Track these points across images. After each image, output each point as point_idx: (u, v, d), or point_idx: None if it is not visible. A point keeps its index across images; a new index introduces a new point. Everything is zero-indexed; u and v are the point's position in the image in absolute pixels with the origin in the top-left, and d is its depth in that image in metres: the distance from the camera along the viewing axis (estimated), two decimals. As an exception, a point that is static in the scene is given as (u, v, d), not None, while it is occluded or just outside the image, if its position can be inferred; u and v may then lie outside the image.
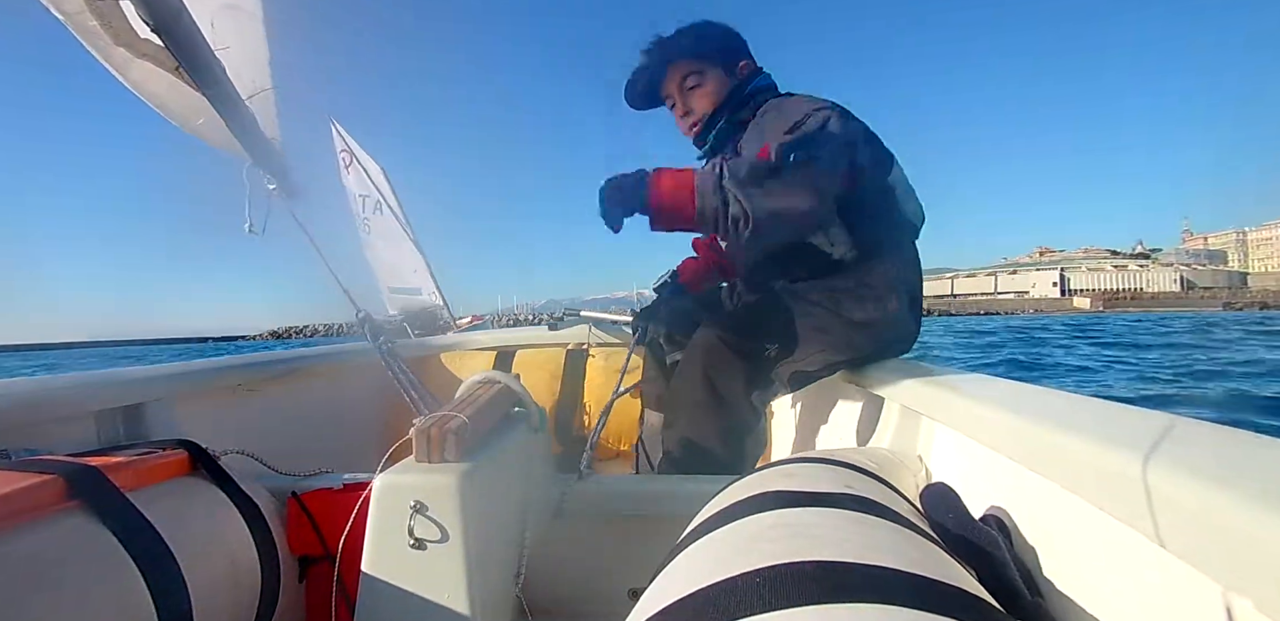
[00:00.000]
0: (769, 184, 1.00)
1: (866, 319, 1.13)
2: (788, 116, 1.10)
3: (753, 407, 1.15)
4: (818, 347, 1.13)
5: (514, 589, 0.82)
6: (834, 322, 1.14)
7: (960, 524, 0.50)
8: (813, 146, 1.02)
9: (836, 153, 1.04)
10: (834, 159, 1.04)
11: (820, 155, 1.02)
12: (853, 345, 1.13)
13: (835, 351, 1.13)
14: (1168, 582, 0.39)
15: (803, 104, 1.13)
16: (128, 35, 0.97)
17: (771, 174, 1.00)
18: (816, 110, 1.08)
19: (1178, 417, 0.49)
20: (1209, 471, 0.36)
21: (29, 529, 0.56)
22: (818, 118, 1.06)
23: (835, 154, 1.04)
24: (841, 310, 1.14)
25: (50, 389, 0.93)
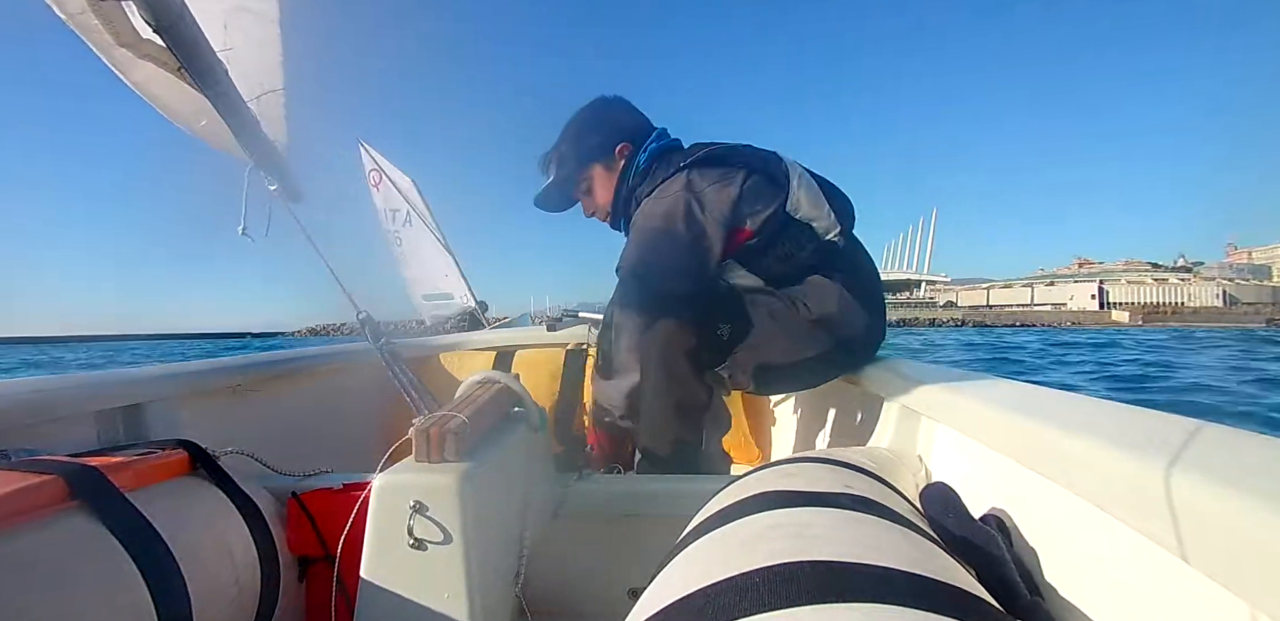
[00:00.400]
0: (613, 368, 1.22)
1: (821, 314, 1.17)
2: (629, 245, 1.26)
3: (704, 384, 1.17)
4: (773, 334, 1.16)
5: (514, 589, 0.82)
6: (784, 312, 1.18)
7: (960, 524, 0.50)
8: (621, 302, 1.23)
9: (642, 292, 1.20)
10: (641, 298, 1.20)
11: (636, 302, 1.19)
12: (807, 336, 1.16)
13: (792, 343, 1.16)
14: (1167, 582, 0.39)
15: (635, 224, 1.25)
16: (130, 36, 0.97)
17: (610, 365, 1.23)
18: (632, 244, 1.23)
19: (1178, 418, 0.49)
20: (1208, 471, 0.36)
21: (29, 529, 0.56)
22: (628, 254, 1.22)
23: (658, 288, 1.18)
24: (796, 306, 1.19)
25: (50, 389, 0.93)
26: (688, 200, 1.19)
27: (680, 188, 1.20)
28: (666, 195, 1.21)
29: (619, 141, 1.36)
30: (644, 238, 1.22)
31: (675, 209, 1.18)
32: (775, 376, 1.19)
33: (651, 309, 1.17)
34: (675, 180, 1.23)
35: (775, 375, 1.19)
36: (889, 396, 0.97)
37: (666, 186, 1.23)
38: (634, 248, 1.23)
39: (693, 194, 1.19)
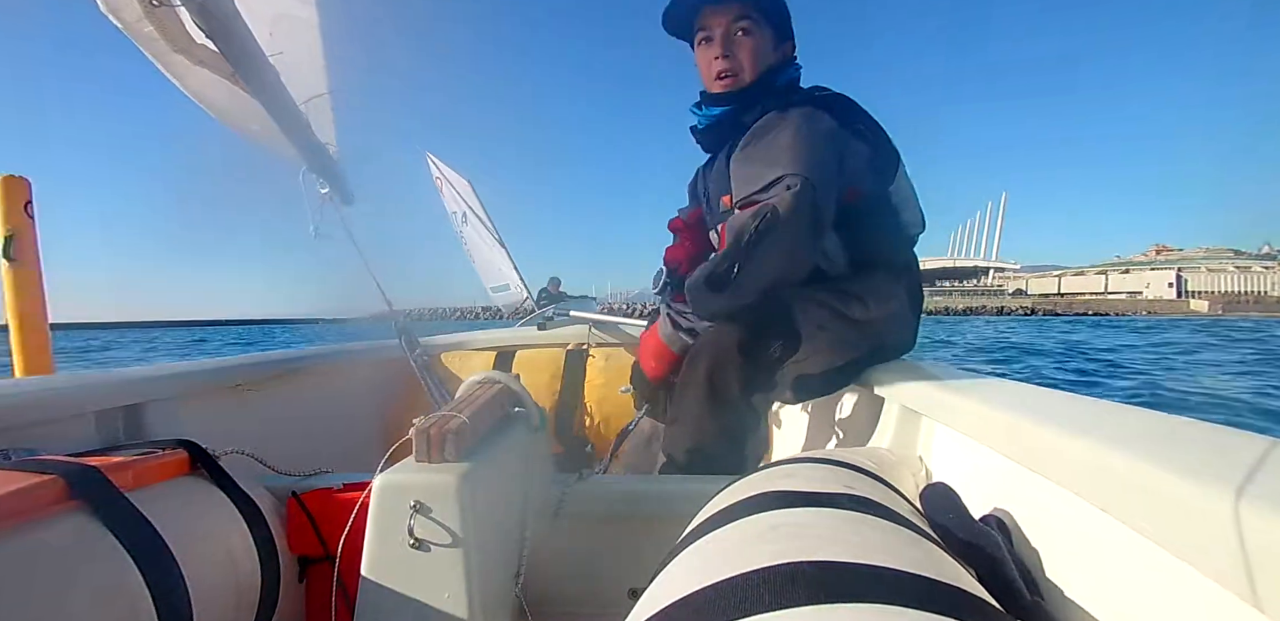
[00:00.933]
0: (720, 294, 1.06)
1: (866, 318, 1.14)
2: (757, 173, 1.07)
3: (752, 409, 1.14)
4: (819, 346, 1.13)
5: (514, 589, 0.82)
6: (834, 321, 1.14)
7: (960, 524, 0.50)
8: (765, 232, 1.01)
9: (791, 235, 1.02)
10: (790, 241, 1.03)
11: (771, 241, 1.01)
12: (850, 343, 1.13)
13: (834, 351, 1.13)
14: (1167, 582, 0.39)
15: (778, 153, 1.08)
16: (184, 41, 0.98)
17: (724, 279, 1.03)
18: (780, 179, 1.03)
19: (1177, 418, 0.49)
20: (1208, 471, 0.36)
21: (29, 529, 0.56)
22: (779, 190, 1.03)
23: (789, 237, 1.02)
24: (841, 310, 1.15)
25: (50, 389, 0.93)
26: (838, 134, 1.11)
27: (831, 118, 1.12)
28: (819, 121, 1.12)
29: (791, 39, 1.25)
30: (812, 141, 1.07)
31: (832, 133, 1.10)
32: (810, 384, 1.16)
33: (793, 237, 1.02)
34: (822, 111, 1.13)
35: (811, 383, 1.16)
36: (889, 396, 0.97)
37: (814, 112, 1.13)
38: (802, 148, 1.06)
39: (850, 126, 1.12)
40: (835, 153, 1.10)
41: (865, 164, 1.14)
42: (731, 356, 1.11)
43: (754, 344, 1.12)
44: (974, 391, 0.72)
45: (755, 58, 1.20)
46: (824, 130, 1.10)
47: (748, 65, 1.20)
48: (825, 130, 1.10)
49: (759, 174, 1.07)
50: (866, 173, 1.14)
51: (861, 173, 1.14)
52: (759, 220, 1.00)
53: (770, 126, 1.13)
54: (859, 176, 1.13)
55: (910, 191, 1.22)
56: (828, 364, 1.13)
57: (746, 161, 1.13)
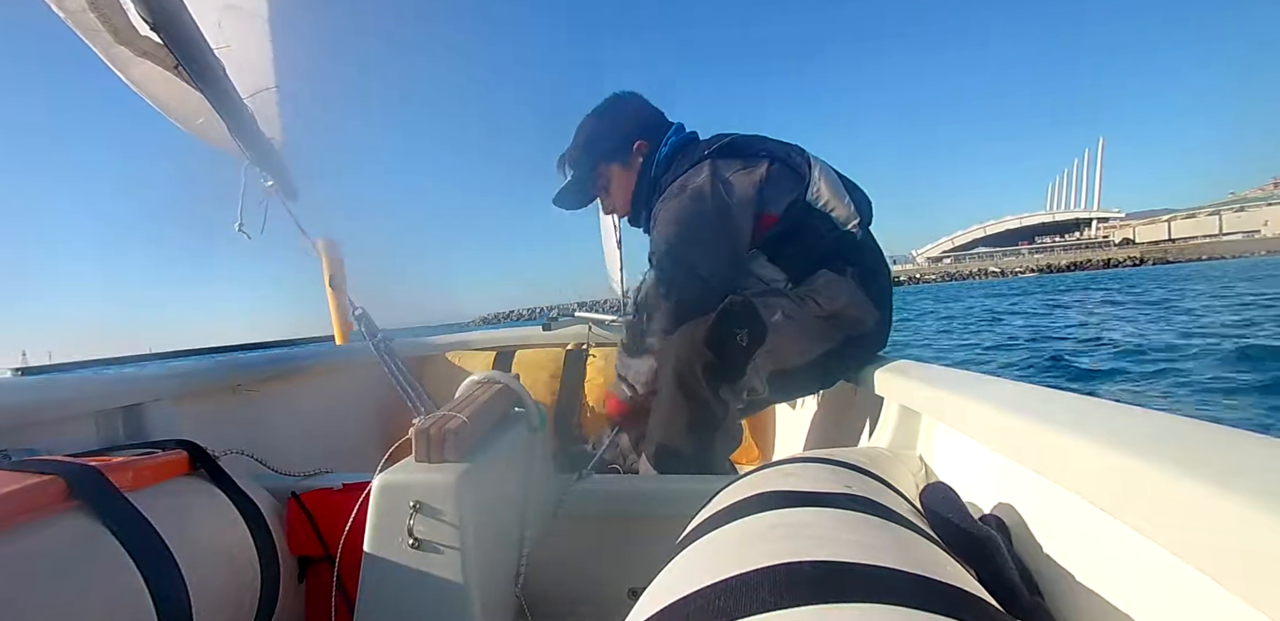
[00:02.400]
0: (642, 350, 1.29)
1: (832, 310, 1.18)
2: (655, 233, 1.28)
3: (720, 401, 1.15)
4: (788, 335, 1.15)
5: (514, 589, 0.82)
6: (801, 312, 1.18)
7: (960, 523, 0.50)
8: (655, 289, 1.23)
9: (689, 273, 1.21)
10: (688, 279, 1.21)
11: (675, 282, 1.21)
12: (820, 332, 1.16)
13: (805, 340, 1.16)
14: (1167, 582, 0.39)
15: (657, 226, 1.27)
16: (128, 33, 0.97)
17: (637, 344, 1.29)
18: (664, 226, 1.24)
19: (1178, 418, 0.49)
20: (1208, 471, 0.36)
21: (29, 529, 0.56)
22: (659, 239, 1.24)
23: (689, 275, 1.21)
24: (807, 302, 1.19)
25: (50, 389, 0.93)
26: (715, 185, 1.20)
27: (707, 174, 1.22)
28: (691, 183, 1.23)
29: (635, 139, 1.37)
30: (672, 221, 1.23)
31: (703, 192, 1.20)
32: (789, 380, 1.18)
33: (685, 291, 1.19)
34: (700, 168, 1.24)
35: (789, 379, 1.18)
36: (889, 396, 0.97)
37: (691, 175, 1.25)
38: (663, 231, 1.24)
39: (719, 180, 1.21)
40: (709, 208, 1.21)
41: (768, 188, 1.22)
42: (697, 349, 1.14)
43: (719, 334, 1.14)
44: (974, 391, 0.71)
45: (622, 194, 1.41)
46: (691, 193, 1.22)
47: (621, 203, 1.42)
48: (690, 196, 1.22)
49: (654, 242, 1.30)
50: (773, 195, 1.22)
51: (768, 197, 1.22)
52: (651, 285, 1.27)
53: (655, 211, 1.31)
54: (766, 201, 1.22)
55: (836, 188, 1.25)
56: (803, 357, 1.16)
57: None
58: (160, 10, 0.87)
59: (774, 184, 1.22)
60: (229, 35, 1.12)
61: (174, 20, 0.89)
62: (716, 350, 1.13)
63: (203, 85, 0.99)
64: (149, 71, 1.05)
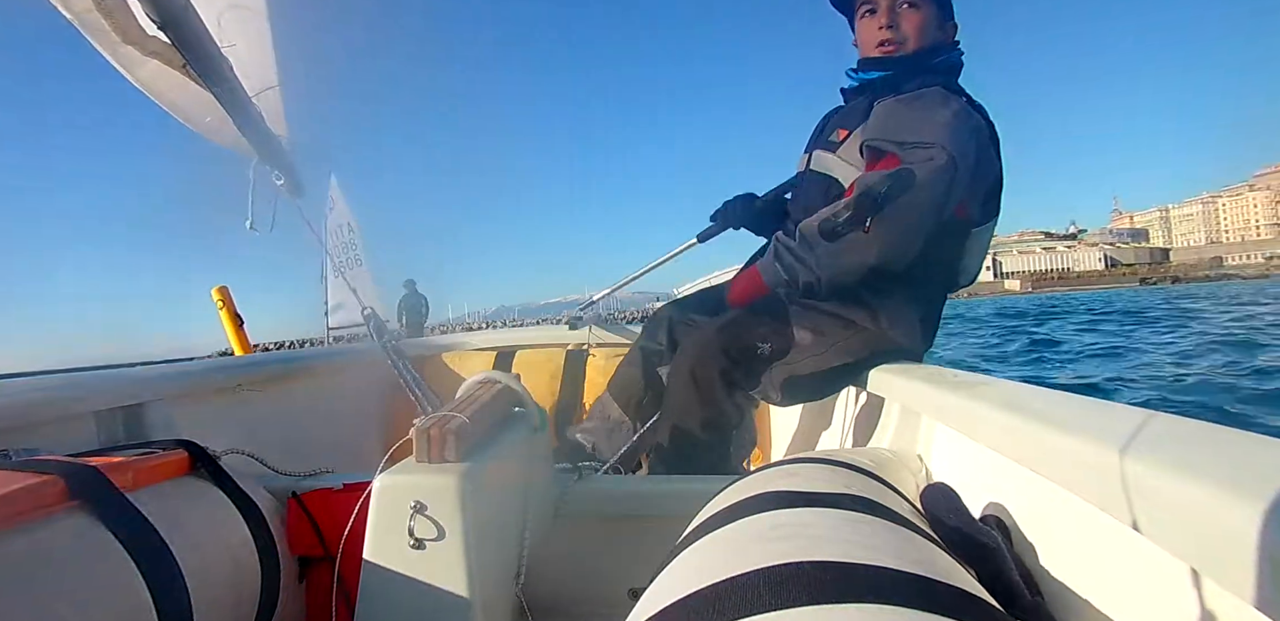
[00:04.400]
0: (836, 244, 1.03)
1: (872, 328, 1.10)
2: (906, 127, 1.07)
3: (736, 406, 1.14)
4: (812, 350, 1.12)
5: (514, 589, 0.82)
6: (834, 327, 1.12)
7: (960, 524, 0.50)
8: (897, 194, 0.98)
9: (921, 207, 1.01)
10: (918, 212, 1.01)
11: (902, 205, 0.99)
12: (847, 350, 1.11)
13: (828, 356, 1.11)
14: (1167, 582, 0.39)
15: (933, 120, 1.06)
16: (135, 33, 0.97)
17: (839, 230, 1.02)
18: (928, 145, 1.02)
19: (1178, 418, 0.49)
20: (1208, 471, 0.36)
21: (29, 529, 0.56)
22: (923, 156, 1.01)
23: (919, 208, 1.01)
24: (847, 316, 1.12)
25: (50, 389, 0.93)
26: (986, 142, 1.08)
27: (985, 125, 1.10)
28: (977, 120, 1.09)
29: (953, 20, 1.23)
30: (967, 131, 1.06)
31: (982, 132, 1.08)
32: (799, 387, 1.14)
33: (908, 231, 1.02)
34: (970, 124, 1.09)
35: (800, 385, 1.14)
36: (889, 396, 0.97)
37: (975, 111, 1.11)
38: (958, 130, 1.04)
39: (995, 136, 1.10)
40: (977, 157, 1.07)
41: (986, 188, 1.12)
42: (714, 353, 1.12)
43: (740, 342, 1.12)
44: (974, 391, 0.71)
45: (919, 30, 1.18)
46: (978, 129, 1.09)
47: (912, 36, 1.18)
48: (979, 130, 1.09)
49: (906, 127, 1.06)
50: (980, 197, 1.12)
51: (977, 195, 1.11)
52: (892, 180, 0.98)
53: (932, 97, 1.11)
54: (973, 197, 1.10)
55: (985, 244, 1.18)
56: (817, 367, 1.12)
57: (897, 112, 1.11)
58: (167, 9, 0.87)
59: (994, 190, 1.11)
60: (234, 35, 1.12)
61: (181, 19, 0.89)
62: (734, 359, 1.11)
63: (211, 84, 0.99)
64: (156, 71, 1.05)
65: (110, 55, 1.03)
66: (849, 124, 1.20)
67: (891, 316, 1.10)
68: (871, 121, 1.13)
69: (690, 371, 1.13)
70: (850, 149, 1.18)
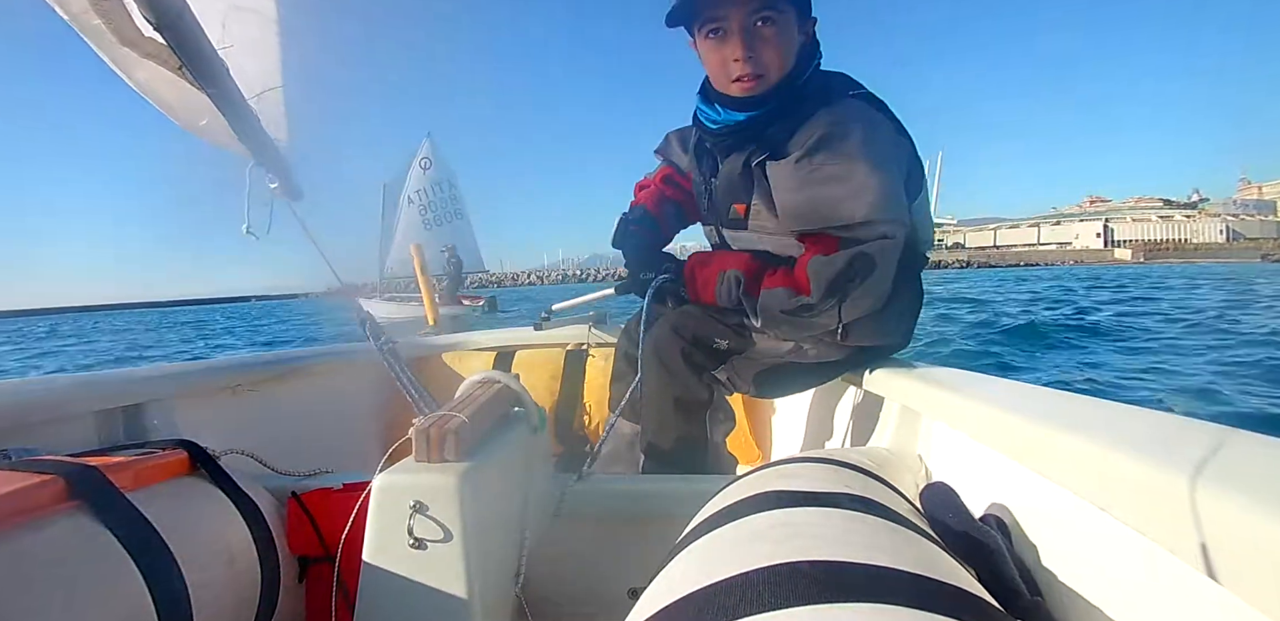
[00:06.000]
0: (804, 319, 1.00)
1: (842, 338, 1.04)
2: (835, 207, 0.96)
3: (704, 384, 1.14)
4: (774, 352, 1.13)
5: (514, 589, 0.82)
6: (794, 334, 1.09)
7: (960, 523, 0.50)
8: (864, 277, 0.94)
9: (886, 275, 0.95)
10: (883, 280, 0.96)
11: (870, 284, 0.94)
12: (820, 353, 1.11)
13: (794, 355, 1.12)
14: (1167, 581, 0.39)
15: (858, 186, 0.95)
16: (131, 34, 0.97)
17: (805, 317, 0.99)
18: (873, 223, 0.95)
19: (1178, 417, 0.49)
20: (1208, 471, 0.36)
21: (29, 529, 0.56)
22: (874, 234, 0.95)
23: (885, 277, 0.95)
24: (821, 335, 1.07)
25: (50, 389, 0.93)
26: (901, 146, 1.01)
27: (889, 122, 1.02)
28: (885, 132, 1.01)
29: (811, 15, 1.05)
30: (893, 169, 0.98)
31: (902, 143, 1.00)
32: (778, 381, 1.15)
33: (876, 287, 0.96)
34: (877, 111, 1.02)
35: (778, 380, 1.15)
36: (889, 396, 0.97)
37: (875, 119, 1.01)
38: (888, 180, 0.96)
39: (904, 133, 1.02)
40: (902, 172, 1.01)
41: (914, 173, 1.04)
42: (672, 337, 1.13)
43: (696, 332, 1.13)
44: (974, 391, 0.71)
45: (780, 54, 1.01)
46: (893, 145, 1.01)
47: (772, 64, 1.01)
48: (893, 145, 1.01)
49: (839, 207, 0.96)
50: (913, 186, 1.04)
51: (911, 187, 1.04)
52: (854, 268, 0.94)
53: (835, 144, 0.97)
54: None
55: (927, 204, 1.09)
56: (782, 363, 1.12)
57: (813, 183, 0.98)
58: (163, 11, 0.87)
59: (913, 174, 1.02)
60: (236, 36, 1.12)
61: (177, 21, 0.89)
62: (692, 342, 1.13)
63: (206, 86, 0.99)
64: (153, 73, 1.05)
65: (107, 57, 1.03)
66: (738, 196, 1.10)
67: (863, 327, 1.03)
68: (784, 199, 1.01)
69: (655, 353, 1.14)
70: (760, 219, 1.09)
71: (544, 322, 1.92)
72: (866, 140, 0.97)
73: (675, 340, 1.13)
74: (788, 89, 1.03)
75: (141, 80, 1.08)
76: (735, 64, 1.01)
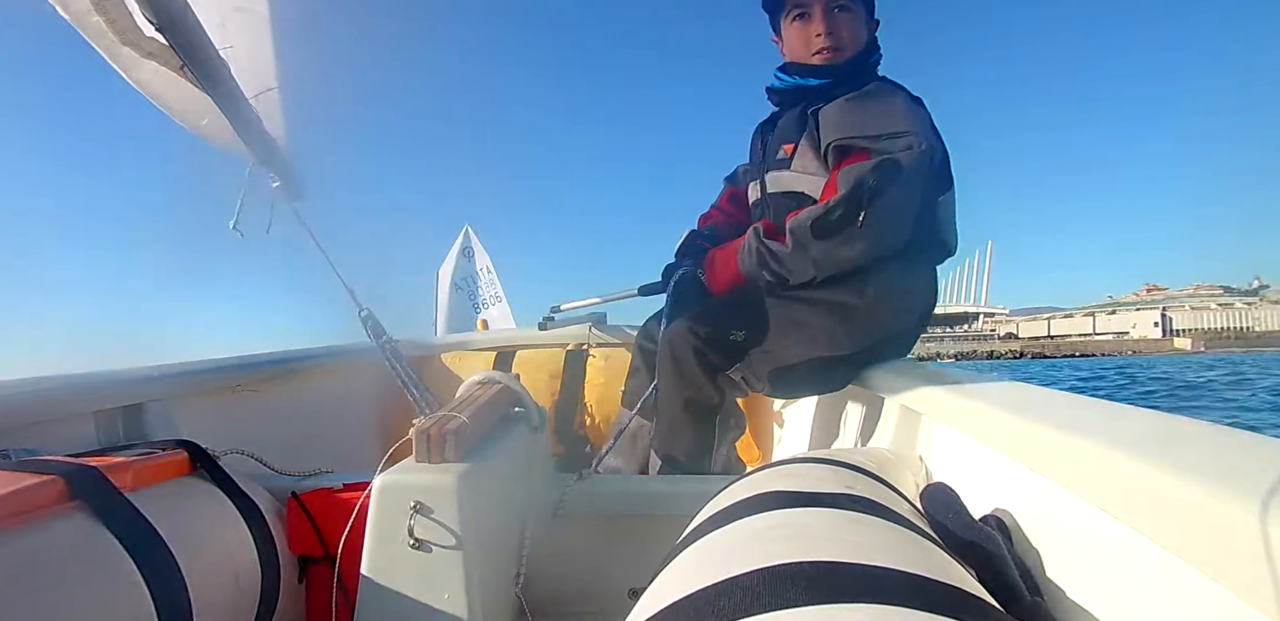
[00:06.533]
0: (829, 241, 1.04)
1: (860, 305, 1.09)
2: (871, 122, 1.08)
3: (716, 387, 1.14)
4: (792, 339, 1.12)
5: (514, 589, 0.82)
6: (816, 317, 1.11)
7: (960, 524, 0.50)
8: (886, 185, 1.00)
9: (910, 194, 1.03)
10: (907, 200, 1.04)
11: (893, 195, 1.01)
12: (831, 342, 1.10)
13: (812, 345, 1.11)
14: (1167, 582, 0.39)
15: (893, 111, 1.09)
16: (133, 34, 0.97)
17: (833, 227, 1.03)
18: (901, 134, 1.04)
19: (1177, 418, 0.49)
20: (1208, 471, 0.36)
21: (29, 529, 0.56)
22: (900, 145, 1.03)
23: (908, 195, 1.03)
24: (835, 314, 1.10)
25: (50, 389, 0.93)
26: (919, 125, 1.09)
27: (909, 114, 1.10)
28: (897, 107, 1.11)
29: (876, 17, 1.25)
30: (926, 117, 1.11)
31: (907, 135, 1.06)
32: (791, 379, 1.14)
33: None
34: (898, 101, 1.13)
35: (791, 377, 1.13)
36: (889, 396, 0.97)
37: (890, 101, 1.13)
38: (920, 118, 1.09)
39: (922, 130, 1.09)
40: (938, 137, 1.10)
41: (938, 172, 1.12)
42: (687, 336, 1.13)
43: (712, 328, 1.13)
44: (974, 391, 0.71)
45: (854, 36, 1.20)
46: (928, 114, 1.12)
47: (849, 42, 1.20)
48: (928, 114, 1.12)
49: (870, 122, 1.08)
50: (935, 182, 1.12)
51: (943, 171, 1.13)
52: (879, 171, 1.00)
53: (882, 91, 1.14)
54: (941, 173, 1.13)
55: (953, 213, 1.18)
56: (800, 357, 1.11)
57: (854, 110, 1.12)
58: (164, 11, 0.87)
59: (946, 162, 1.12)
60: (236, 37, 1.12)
61: (178, 21, 0.89)
62: (707, 341, 1.12)
63: (208, 86, 0.99)
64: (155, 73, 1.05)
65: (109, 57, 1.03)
66: (790, 137, 1.21)
67: (879, 288, 1.10)
68: (828, 123, 1.13)
69: (670, 352, 1.15)
70: (804, 160, 1.18)
71: (548, 323, 1.92)
72: (907, 99, 1.13)
73: (689, 338, 1.13)
74: (856, 67, 1.21)
75: (143, 79, 1.08)
76: (818, 38, 1.20)
